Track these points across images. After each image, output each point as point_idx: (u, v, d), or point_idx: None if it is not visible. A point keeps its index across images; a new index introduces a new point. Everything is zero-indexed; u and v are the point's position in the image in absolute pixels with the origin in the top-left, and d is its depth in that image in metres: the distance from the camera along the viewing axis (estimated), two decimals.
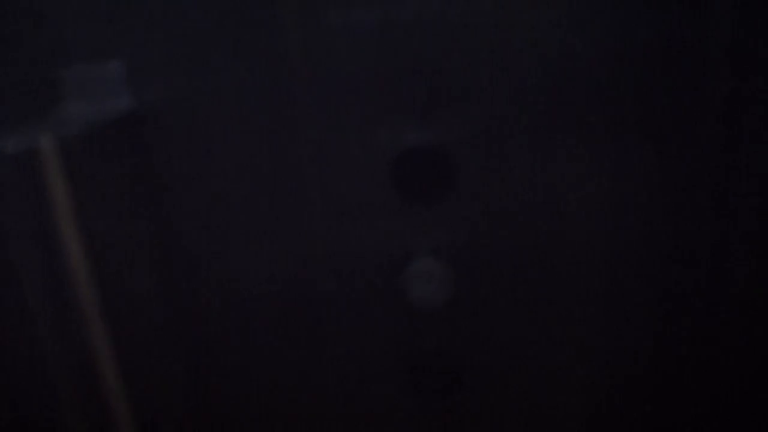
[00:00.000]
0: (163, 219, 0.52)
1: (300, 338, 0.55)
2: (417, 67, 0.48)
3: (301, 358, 0.56)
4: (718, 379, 0.56)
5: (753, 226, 0.51)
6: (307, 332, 0.55)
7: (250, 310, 0.55)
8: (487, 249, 0.52)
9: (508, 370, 0.56)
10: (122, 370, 0.48)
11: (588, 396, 0.57)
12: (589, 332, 0.55)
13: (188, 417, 0.57)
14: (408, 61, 0.48)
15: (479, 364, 0.56)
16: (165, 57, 0.49)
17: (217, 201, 0.52)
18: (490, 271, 0.53)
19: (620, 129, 0.49)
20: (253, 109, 0.50)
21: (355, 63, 0.48)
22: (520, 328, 0.55)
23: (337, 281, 0.53)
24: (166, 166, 0.51)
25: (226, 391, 0.58)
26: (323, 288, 0.54)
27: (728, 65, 0.47)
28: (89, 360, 0.48)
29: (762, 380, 0.56)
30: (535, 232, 0.52)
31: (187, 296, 0.54)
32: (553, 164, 0.50)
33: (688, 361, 0.56)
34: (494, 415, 0.57)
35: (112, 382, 0.49)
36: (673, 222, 0.52)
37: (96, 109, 0.49)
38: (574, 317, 0.55)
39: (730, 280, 0.53)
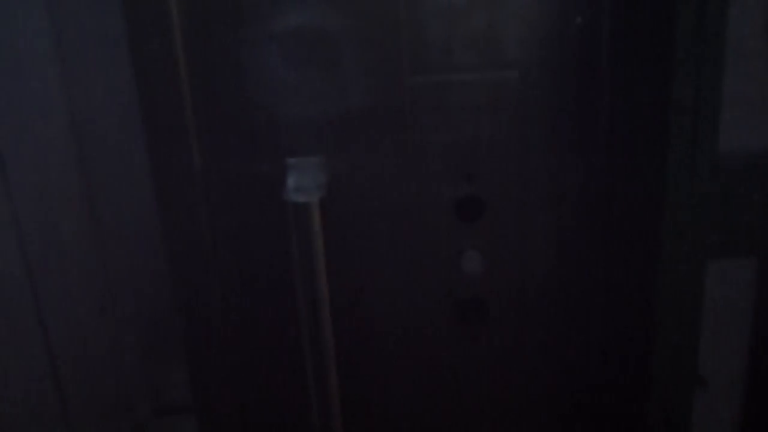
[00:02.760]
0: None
1: (406, 288, 1.08)
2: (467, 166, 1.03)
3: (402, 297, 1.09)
4: None
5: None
6: (406, 283, 1.08)
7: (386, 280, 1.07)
8: (502, 246, 1.07)
9: (517, 311, 1.11)
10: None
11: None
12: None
13: None
14: (462, 164, 1.02)
15: (499, 307, 1.10)
16: (343, 157, 1.01)
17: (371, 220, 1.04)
18: (505, 257, 1.07)
19: None
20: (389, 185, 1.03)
21: (440, 166, 1.02)
22: (520, 289, 1.10)
23: (429, 260, 1.06)
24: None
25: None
26: (419, 264, 1.07)
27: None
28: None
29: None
30: (522, 237, 1.07)
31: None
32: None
33: None
34: (509, 339, 1.12)
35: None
36: None
37: (312, 183, 1.00)
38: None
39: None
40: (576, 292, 1.10)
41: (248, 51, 0.95)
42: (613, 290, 1.09)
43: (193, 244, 1.01)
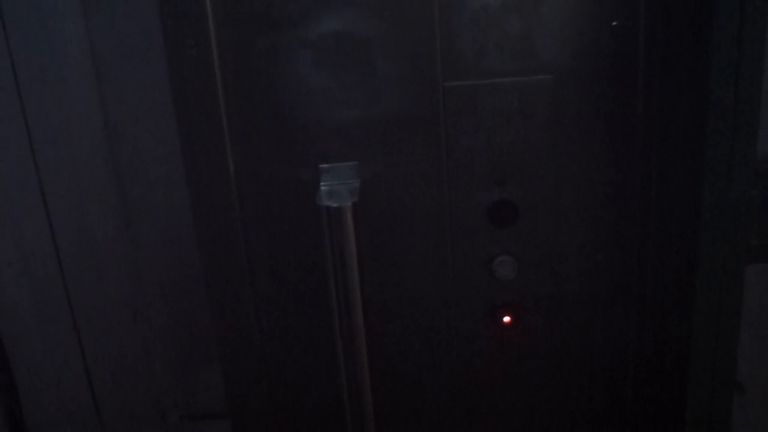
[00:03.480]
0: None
1: (439, 292, 1.08)
2: (501, 171, 1.02)
3: (435, 301, 1.08)
4: None
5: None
6: (439, 288, 1.08)
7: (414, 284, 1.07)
8: (534, 250, 1.06)
9: (550, 315, 1.10)
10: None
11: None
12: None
13: None
14: (495, 169, 1.02)
15: (529, 308, 1.09)
16: (377, 161, 1.01)
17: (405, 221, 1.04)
18: (538, 262, 1.07)
19: None
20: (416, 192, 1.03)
21: (473, 171, 1.02)
22: (554, 294, 1.09)
23: (461, 265, 1.06)
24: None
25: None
26: (452, 268, 1.06)
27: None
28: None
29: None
30: (556, 242, 1.06)
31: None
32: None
33: None
34: (543, 342, 1.11)
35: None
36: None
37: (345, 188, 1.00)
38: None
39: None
40: (611, 297, 1.10)
41: (283, 58, 0.96)
42: (649, 294, 1.08)
43: (227, 247, 1.02)
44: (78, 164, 1.57)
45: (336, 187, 0.99)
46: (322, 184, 1.00)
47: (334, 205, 0.94)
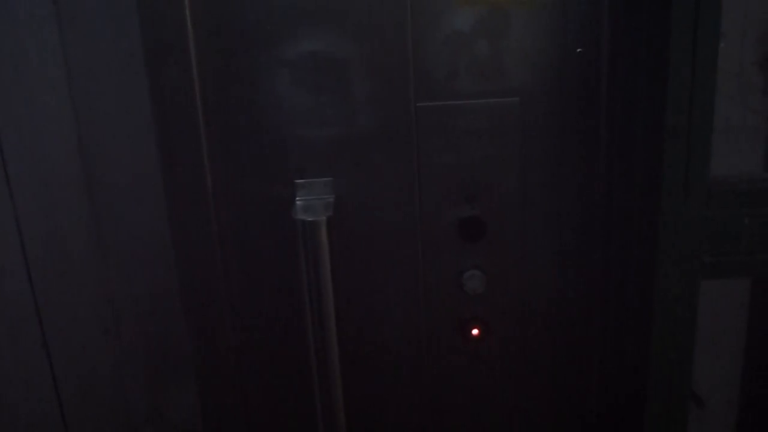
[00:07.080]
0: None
1: (410, 306, 1.11)
2: (470, 187, 1.06)
3: (406, 315, 1.12)
4: None
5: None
6: (410, 302, 1.11)
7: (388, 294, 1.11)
8: (502, 265, 1.10)
9: (517, 329, 1.14)
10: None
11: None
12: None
13: None
14: (464, 186, 1.06)
15: (498, 321, 1.13)
16: (350, 178, 1.05)
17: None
18: (506, 277, 1.11)
19: None
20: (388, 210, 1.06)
21: (443, 188, 1.06)
22: (521, 307, 1.13)
23: (432, 279, 1.10)
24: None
25: None
26: (423, 281, 1.10)
27: None
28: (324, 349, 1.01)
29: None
30: (522, 257, 1.10)
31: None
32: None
33: None
34: (509, 356, 1.15)
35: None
36: None
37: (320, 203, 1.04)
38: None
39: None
40: (575, 311, 1.14)
41: (261, 76, 0.99)
42: (610, 309, 1.13)
43: (204, 261, 1.04)
44: (50, 179, 1.58)
45: (311, 202, 1.02)
46: (297, 198, 1.03)
47: (309, 219, 0.97)
